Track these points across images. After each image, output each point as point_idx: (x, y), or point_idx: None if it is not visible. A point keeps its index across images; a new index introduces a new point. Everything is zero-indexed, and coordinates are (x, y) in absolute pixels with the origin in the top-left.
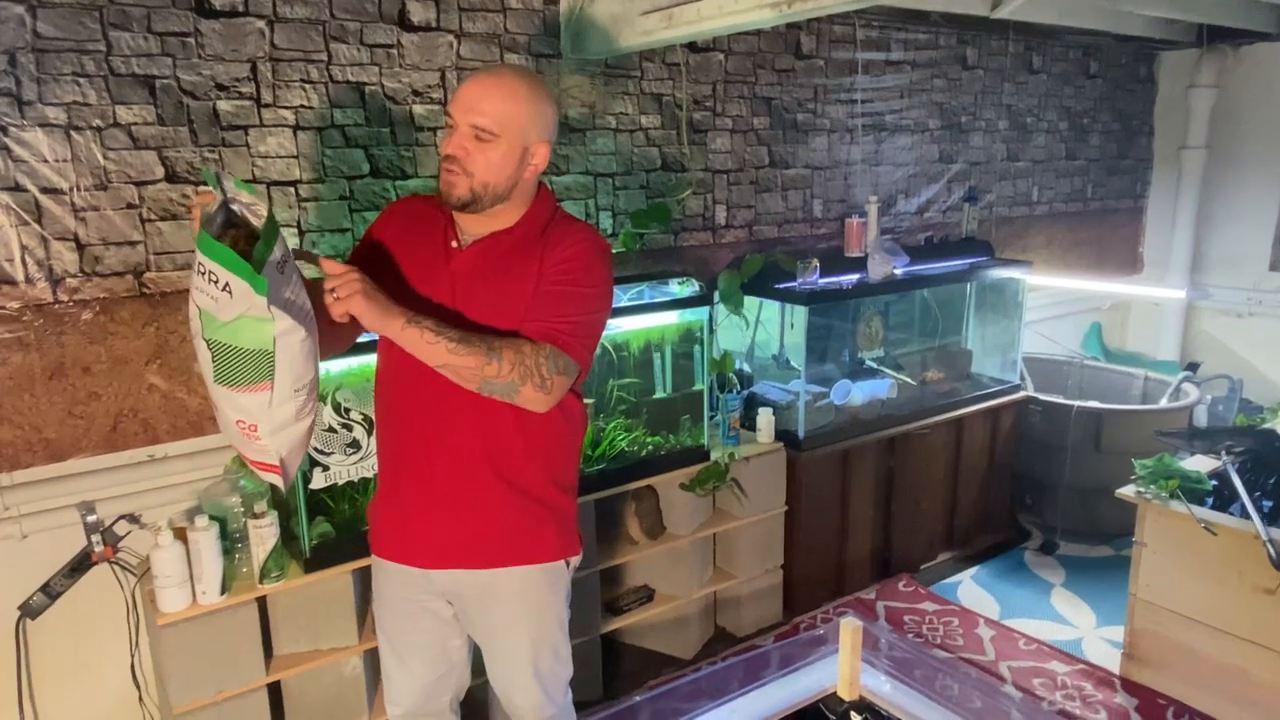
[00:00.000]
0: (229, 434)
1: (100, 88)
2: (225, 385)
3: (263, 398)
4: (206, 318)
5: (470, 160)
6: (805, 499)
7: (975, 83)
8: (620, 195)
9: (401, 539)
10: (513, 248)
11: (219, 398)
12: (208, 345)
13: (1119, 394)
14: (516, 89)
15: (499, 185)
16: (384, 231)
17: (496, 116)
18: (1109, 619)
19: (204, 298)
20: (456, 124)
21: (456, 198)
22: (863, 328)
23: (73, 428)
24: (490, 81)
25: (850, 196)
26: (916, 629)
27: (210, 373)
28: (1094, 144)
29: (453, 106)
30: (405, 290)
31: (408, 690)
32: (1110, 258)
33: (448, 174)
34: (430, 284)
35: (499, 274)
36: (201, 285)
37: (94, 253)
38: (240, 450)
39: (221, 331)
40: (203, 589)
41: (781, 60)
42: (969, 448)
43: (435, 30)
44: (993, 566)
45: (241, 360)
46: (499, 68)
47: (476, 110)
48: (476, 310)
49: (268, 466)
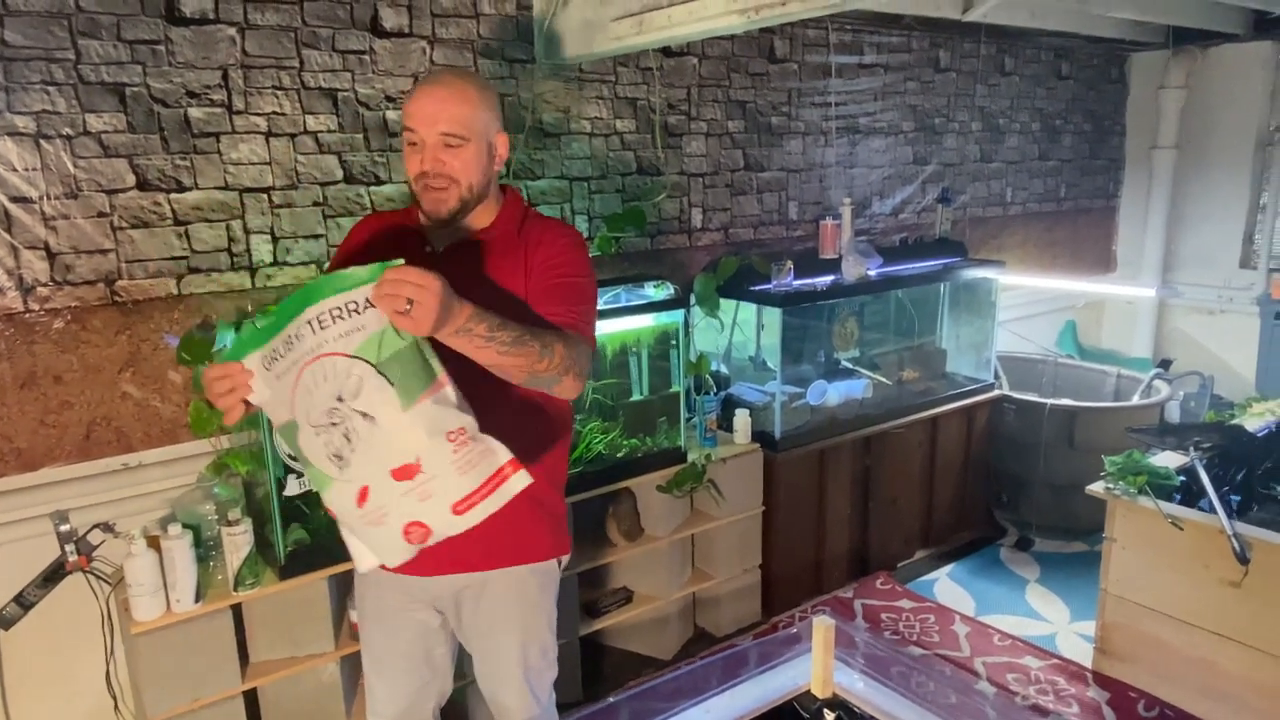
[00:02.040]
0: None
1: (70, 96)
2: (411, 402)
3: (445, 394)
4: (366, 349)
5: (450, 168)
6: (782, 499)
7: (948, 85)
8: (596, 199)
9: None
10: (494, 246)
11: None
12: (380, 372)
13: (1092, 391)
14: (467, 90)
15: (480, 184)
16: (350, 251)
17: (461, 120)
18: (1082, 614)
19: (350, 337)
20: (422, 139)
21: (449, 211)
22: (838, 328)
23: (45, 437)
24: (441, 91)
25: (825, 199)
26: (893, 626)
27: (395, 405)
28: (1066, 145)
29: (412, 123)
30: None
31: (391, 701)
32: (1084, 257)
33: (434, 190)
34: None
35: (485, 272)
36: (341, 329)
37: (65, 261)
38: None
39: (384, 349)
40: (177, 597)
41: (755, 64)
42: (944, 446)
43: (408, 36)
44: (969, 563)
45: (410, 362)
46: (441, 75)
47: (440, 120)
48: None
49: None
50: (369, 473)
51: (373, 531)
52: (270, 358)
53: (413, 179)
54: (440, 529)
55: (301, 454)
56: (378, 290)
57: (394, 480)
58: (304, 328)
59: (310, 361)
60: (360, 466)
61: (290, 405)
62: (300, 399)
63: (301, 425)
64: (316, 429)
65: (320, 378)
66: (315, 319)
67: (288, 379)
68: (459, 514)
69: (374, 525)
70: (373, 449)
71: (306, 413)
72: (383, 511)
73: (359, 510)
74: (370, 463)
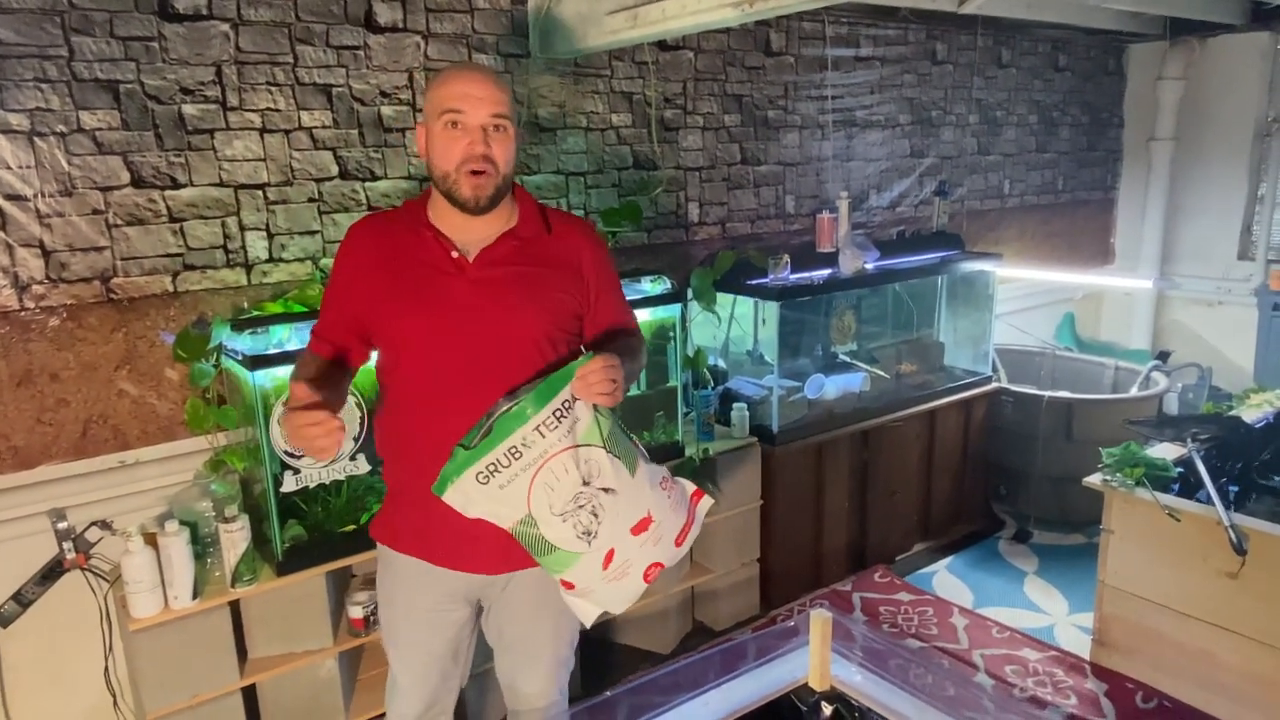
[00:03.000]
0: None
1: (63, 93)
2: (634, 467)
3: (644, 452)
4: (590, 435)
5: (494, 153)
6: (780, 493)
7: (945, 78)
8: (592, 194)
9: (455, 545)
10: (530, 248)
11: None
12: (609, 451)
13: (1091, 383)
14: (498, 76)
15: (511, 175)
16: (357, 261)
17: (507, 104)
18: (1080, 606)
19: (573, 431)
20: (467, 123)
21: (488, 199)
22: (835, 322)
23: (41, 435)
24: (485, 75)
25: (822, 192)
26: (892, 619)
27: (626, 473)
28: (1064, 137)
29: (460, 104)
30: (408, 312)
31: (420, 698)
32: (1082, 249)
33: (480, 176)
34: (438, 301)
35: (533, 272)
36: (564, 428)
37: (60, 259)
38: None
39: (603, 430)
40: (174, 594)
41: (751, 57)
42: (942, 439)
43: (402, 31)
44: (967, 556)
45: (621, 434)
46: (472, 64)
47: (490, 102)
48: (503, 314)
49: (657, 565)
50: (614, 537)
51: (614, 586)
52: (486, 474)
53: (450, 167)
54: (670, 561)
55: (543, 543)
56: (583, 386)
57: (633, 536)
58: (530, 436)
59: (545, 462)
60: (606, 535)
61: (525, 504)
62: (539, 496)
63: (543, 517)
64: (563, 516)
65: (560, 471)
66: (539, 427)
67: (519, 483)
68: (679, 545)
69: (617, 580)
70: (616, 516)
71: (549, 505)
72: (627, 565)
73: (604, 572)
74: (615, 528)
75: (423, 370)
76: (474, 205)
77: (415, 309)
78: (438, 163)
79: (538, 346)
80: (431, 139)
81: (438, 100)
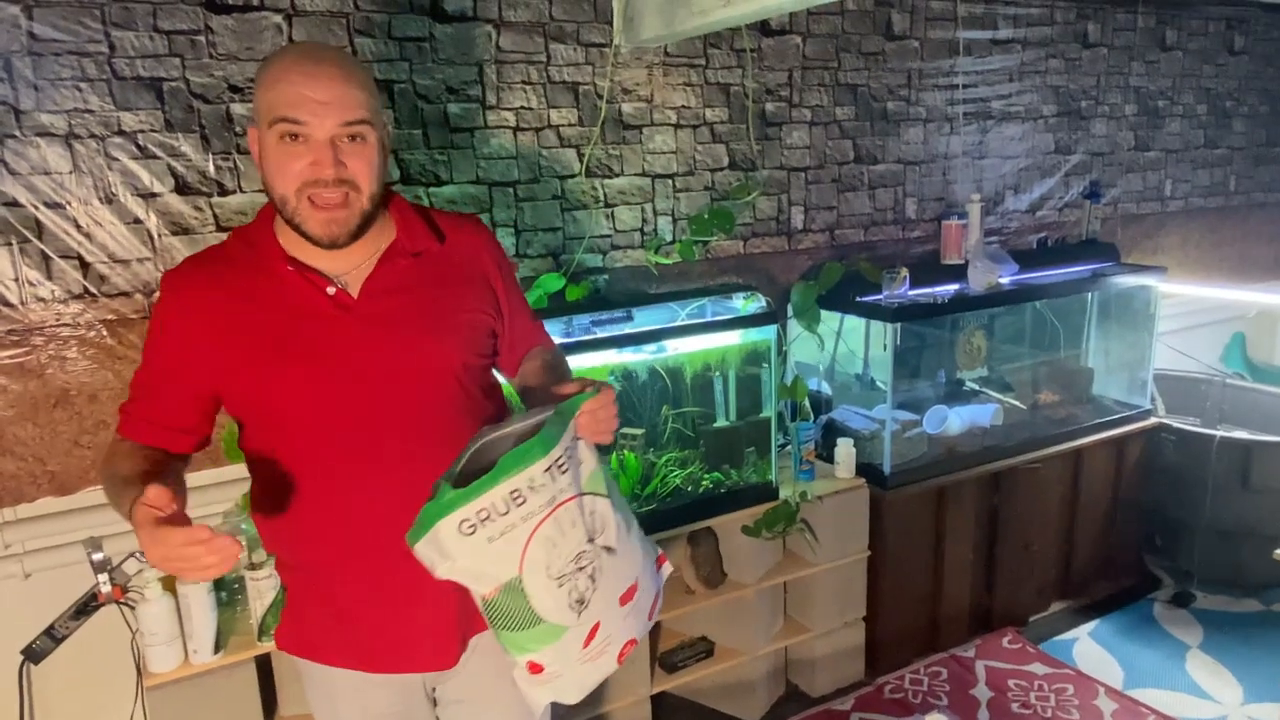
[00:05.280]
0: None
1: (104, 93)
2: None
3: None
4: (592, 482)
5: (352, 171)
6: (892, 542)
7: (1098, 63)
8: (681, 198)
9: (397, 643)
10: (426, 261)
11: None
12: (611, 501)
13: (1268, 418)
14: (354, 67)
15: (379, 191)
16: (188, 326)
17: (363, 103)
18: (1259, 693)
19: (578, 477)
20: (309, 135)
21: (349, 234)
22: (963, 343)
23: (79, 459)
24: (325, 64)
25: (949, 194)
26: (1023, 697)
27: (624, 530)
28: (1238, 130)
29: (294, 112)
30: (284, 375)
31: None
32: (1256, 259)
33: (330, 208)
34: (323, 353)
35: (434, 294)
36: (572, 472)
37: (99, 271)
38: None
39: (605, 476)
40: (194, 647)
41: (869, 42)
42: (1089, 482)
43: (471, 20)
44: (1115, 621)
45: (615, 482)
46: (310, 50)
47: (338, 107)
48: (408, 353)
49: (632, 643)
50: (602, 608)
51: (587, 668)
52: (474, 522)
53: (289, 190)
54: (641, 637)
55: (525, 615)
56: (590, 424)
57: (620, 606)
58: (541, 477)
59: (552, 511)
60: (596, 605)
61: (517, 563)
62: (537, 553)
63: (535, 582)
64: (560, 579)
65: (568, 524)
66: (553, 467)
67: (514, 536)
68: (651, 619)
69: (592, 661)
70: (610, 582)
71: (546, 566)
72: (607, 642)
73: (582, 651)
74: (605, 597)
75: (318, 441)
76: (328, 243)
77: (292, 369)
78: (274, 184)
79: (458, 380)
80: (264, 150)
81: (270, 103)
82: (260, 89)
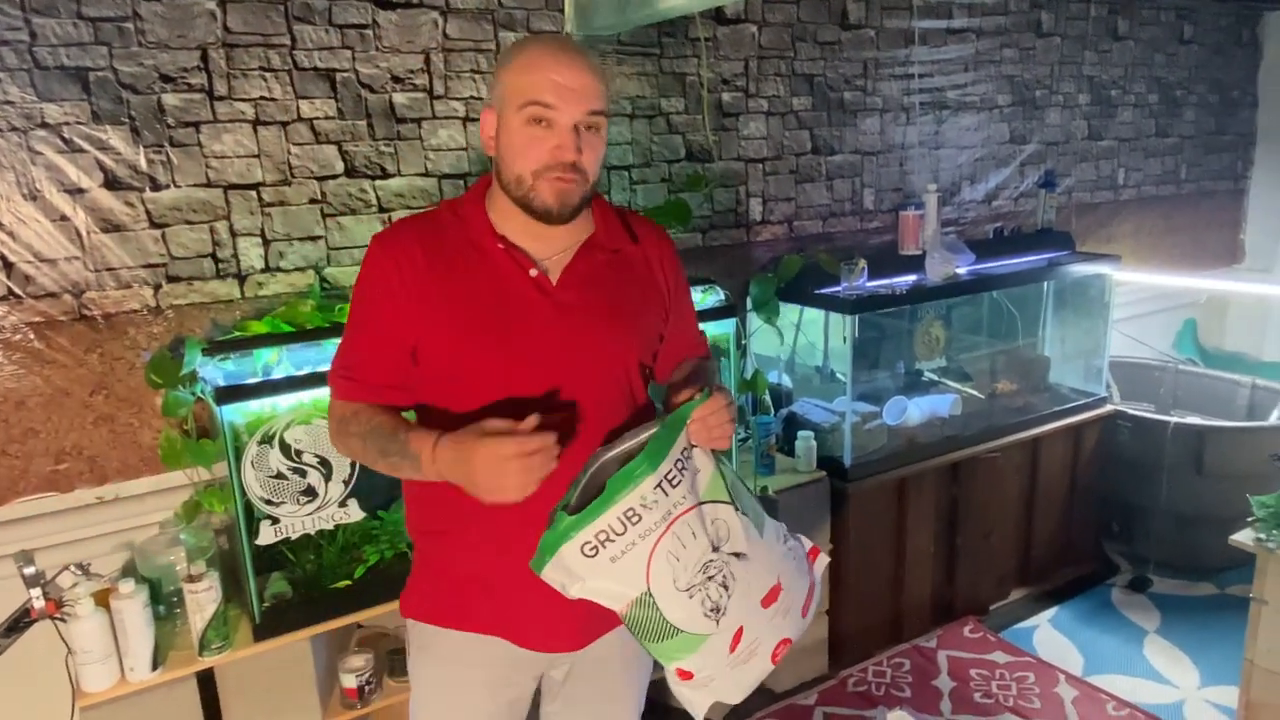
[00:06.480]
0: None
1: (24, 83)
2: (761, 524)
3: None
4: (713, 489)
5: (585, 158)
6: (853, 535)
7: (1051, 52)
8: (638, 190)
9: (545, 622)
10: (618, 263)
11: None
12: (736, 506)
13: (1221, 404)
14: (594, 59)
15: (598, 180)
16: (405, 281)
17: (605, 96)
18: (1215, 677)
19: (695, 486)
20: (557, 121)
21: (572, 209)
22: (921, 334)
23: (8, 469)
24: (578, 58)
25: (907, 185)
26: (985, 686)
27: (755, 533)
28: (1189, 119)
29: (549, 96)
30: (479, 346)
31: None
32: (1207, 246)
33: (566, 183)
34: (518, 332)
35: (625, 292)
36: (687, 482)
37: (23, 271)
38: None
39: (726, 481)
40: (130, 664)
41: (825, 31)
42: (1046, 470)
43: (417, 7)
44: (1074, 607)
45: (742, 485)
46: (559, 40)
47: (587, 96)
48: (596, 345)
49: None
50: (743, 612)
51: (739, 671)
52: (595, 544)
53: (528, 170)
54: (797, 636)
55: (662, 626)
56: (702, 430)
57: (763, 609)
58: (650, 495)
59: (669, 526)
60: (735, 610)
61: (644, 579)
62: (661, 568)
63: (664, 594)
64: (689, 590)
65: (688, 536)
66: (663, 482)
67: (636, 554)
68: (805, 616)
69: (744, 663)
70: (748, 586)
71: (674, 579)
72: (755, 644)
73: (730, 656)
74: (744, 601)
75: (495, 411)
76: (555, 214)
77: (487, 342)
78: (512, 163)
79: (628, 375)
80: (505, 132)
81: (521, 88)
82: (509, 74)
